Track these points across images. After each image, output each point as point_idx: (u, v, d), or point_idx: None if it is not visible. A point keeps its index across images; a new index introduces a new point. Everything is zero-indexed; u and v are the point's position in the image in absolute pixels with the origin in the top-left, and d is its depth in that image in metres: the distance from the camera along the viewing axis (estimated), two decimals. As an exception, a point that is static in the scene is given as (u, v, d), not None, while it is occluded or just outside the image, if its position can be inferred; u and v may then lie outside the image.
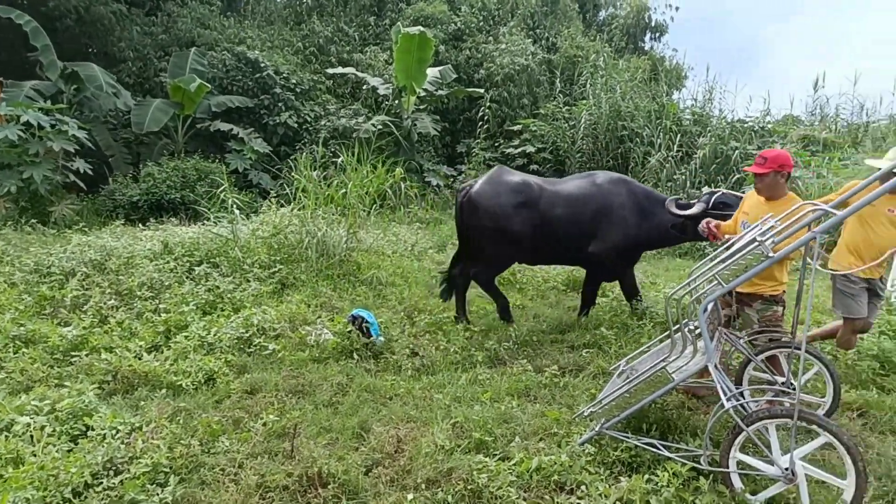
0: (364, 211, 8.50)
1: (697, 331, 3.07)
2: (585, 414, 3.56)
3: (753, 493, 2.84)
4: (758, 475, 2.86)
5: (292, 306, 5.89)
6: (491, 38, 17.51)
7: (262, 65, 14.83)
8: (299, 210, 7.91)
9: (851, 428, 3.76)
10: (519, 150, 15.05)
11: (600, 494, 2.86)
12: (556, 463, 3.10)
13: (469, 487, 2.98)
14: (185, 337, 5.06)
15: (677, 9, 20.09)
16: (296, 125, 14.83)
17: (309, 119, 15.16)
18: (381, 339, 5.20)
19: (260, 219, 8.57)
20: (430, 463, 3.20)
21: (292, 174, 8.83)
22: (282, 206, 8.65)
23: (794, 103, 20.74)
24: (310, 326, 5.43)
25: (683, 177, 12.55)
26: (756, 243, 2.79)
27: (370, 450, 3.42)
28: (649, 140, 13.54)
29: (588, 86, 15.68)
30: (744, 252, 2.88)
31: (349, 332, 5.12)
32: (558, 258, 6.13)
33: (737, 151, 12.56)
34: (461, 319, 5.91)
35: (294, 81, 15.35)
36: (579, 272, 7.66)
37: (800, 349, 3.78)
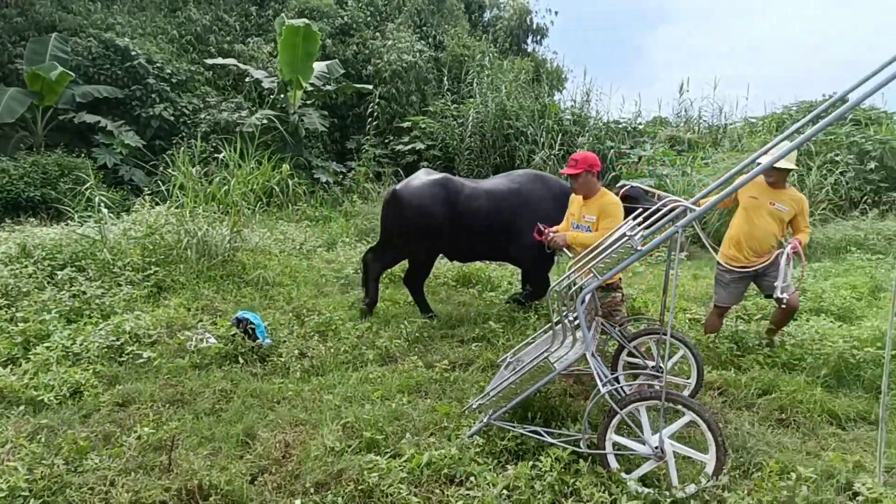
0: (249, 209, 8.19)
1: (576, 321, 3.23)
2: (474, 406, 3.64)
3: (628, 471, 3.03)
4: (631, 454, 3.06)
5: (170, 310, 5.57)
6: (378, 34, 17.41)
7: (133, 53, 13.86)
8: (177, 208, 7.49)
9: (713, 405, 4.09)
10: (409, 147, 15.10)
11: (488, 483, 2.93)
12: (446, 456, 3.14)
13: (360, 488, 2.96)
14: (47, 347, 4.64)
15: (556, 13, 21.05)
16: (172, 118, 14.00)
17: (187, 112, 14.36)
18: (269, 341, 5.04)
19: (132, 218, 8.02)
20: (320, 466, 3.14)
21: (169, 170, 8.35)
22: (157, 204, 8.14)
23: (662, 106, 22.23)
24: (190, 331, 5.15)
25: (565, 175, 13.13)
26: (626, 238, 2.97)
27: (256, 457, 3.31)
28: (533, 139, 14.06)
29: (475, 85, 16.01)
30: (616, 246, 3.07)
31: (233, 335, 4.92)
32: (482, 253, 6.31)
33: (612, 150, 13.34)
34: (368, 312, 5.97)
35: (169, 71, 14.47)
36: (469, 267, 7.83)
37: (670, 336, 4.10)
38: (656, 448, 2.92)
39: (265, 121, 13.27)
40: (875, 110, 14.96)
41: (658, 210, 3.17)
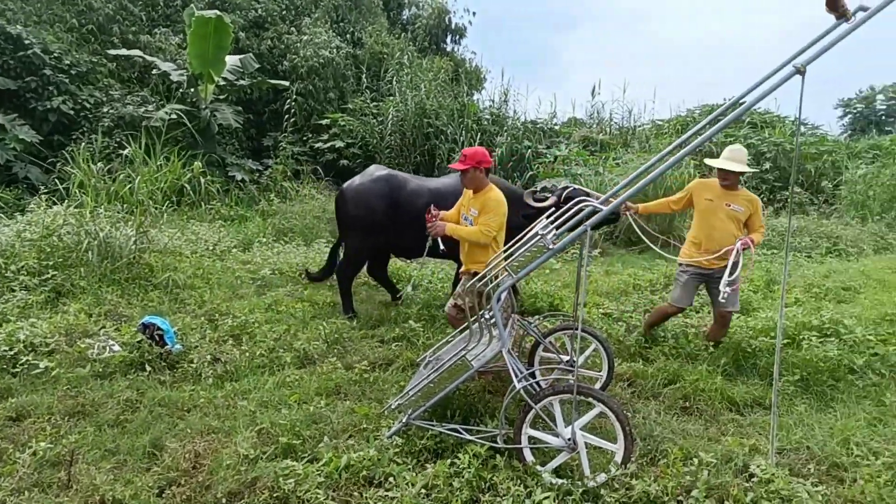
0: (156, 208, 7.81)
1: (493, 319, 3.28)
2: (393, 407, 3.63)
3: (543, 464, 3.10)
4: (546, 447, 3.14)
5: (69, 317, 5.24)
6: (294, 28, 16.99)
7: (27, 41, 12.88)
8: (76, 208, 7.04)
9: (622, 396, 4.27)
10: (328, 144, 14.85)
11: (407, 483, 2.93)
12: (364, 458, 3.12)
13: (275, 495, 2.89)
14: (-72, 360, 4.26)
15: (474, 13, 21.37)
16: (72, 112, 13.11)
17: (88, 105, 13.49)
18: (178, 346, 4.83)
19: (27, 219, 7.46)
20: (232, 475, 3.04)
21: (68, 167, 7.84)
22: (55, 203, 7.62)
23: (576, 107, 22.85)
24: (91, 339, 4.86)
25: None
26: (539, 236, 3.05)
27: (164, 469, 3.16)
28: (453, 137, 14.18)
29: (394, 83, 15.95)
30: (529, 245, 3.14)
31: (139, 341, 4.68)
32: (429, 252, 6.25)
33: (529, 150, 13.68)
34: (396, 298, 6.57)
35: (68, 62, 13.55)
36: (391, 267, 7.79)
37: (582, 331, 4.24)
38: (569, 440, 3.01)
39: (174, 115, 12.68)
40: (769, 114, 16.07)
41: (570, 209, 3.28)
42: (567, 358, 4.12)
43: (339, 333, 5.40)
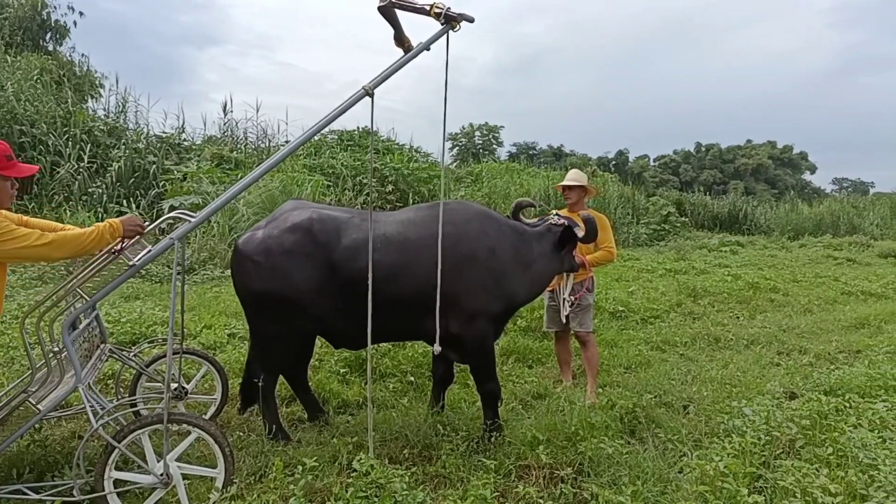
0: None
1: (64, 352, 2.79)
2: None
3: (139, 506, 2.75)
4: (137, 489, 2.79)
5: None
6: None
7: None
8: None
9: (241, 417, 4.10)
10: None
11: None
12: None
13: None
14: None
15: (82, 14, 18.65)
16: None
17: None
18: None
19: None
20: None
21: None
22: None
23: (208, 125, 21.73)
24: None
25: (100, 190, 11.81)
26: (117, 253, 2.71)
27: None
28: (56, 149, 12.18)
29: (-32, 80, 12.98)
30: (106, 262, 2.77)
31: None
32: None
33: (154, 166, 12.61)
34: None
35: None
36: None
37: (188, 353, 3.97)
38: (162, 475, 2.72)
39: None
40: (391, 142, 17.90)
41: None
42: (176, 385, 3.79)
43: None
